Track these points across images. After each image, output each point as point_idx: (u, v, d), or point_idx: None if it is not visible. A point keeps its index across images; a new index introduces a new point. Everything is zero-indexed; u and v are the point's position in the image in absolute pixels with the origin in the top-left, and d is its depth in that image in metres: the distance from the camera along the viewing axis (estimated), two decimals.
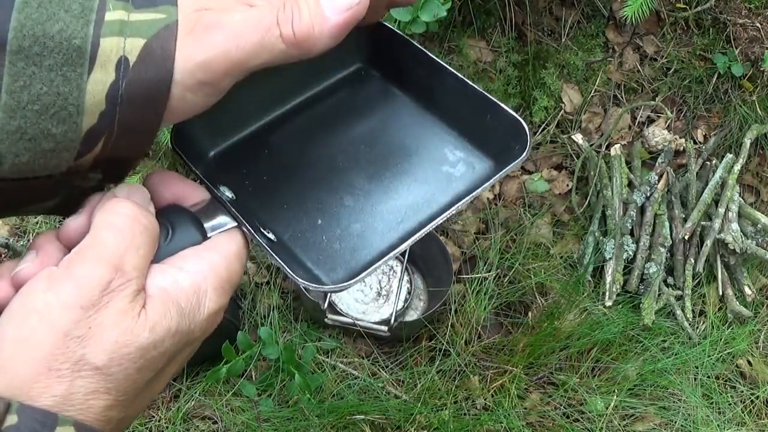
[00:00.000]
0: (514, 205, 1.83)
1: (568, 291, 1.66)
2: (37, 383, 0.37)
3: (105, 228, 0.40)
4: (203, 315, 0.42)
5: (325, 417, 1.43)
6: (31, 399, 0.36)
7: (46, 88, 0.37)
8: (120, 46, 0.38)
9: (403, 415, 1.46)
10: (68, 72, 0.38)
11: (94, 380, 0.38)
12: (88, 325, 0.37)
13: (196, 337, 0.43)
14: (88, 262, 0.39)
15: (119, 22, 0.38)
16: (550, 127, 1.91)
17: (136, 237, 0.40)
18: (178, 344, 0.41)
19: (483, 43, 1.89)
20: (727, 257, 1.74)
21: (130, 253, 0.39)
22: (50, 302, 0.38)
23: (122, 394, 0.39)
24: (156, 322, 0.39)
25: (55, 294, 0.38)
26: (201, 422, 1.46)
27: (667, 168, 1.84)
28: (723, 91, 1.97)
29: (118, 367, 0.38)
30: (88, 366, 0.37)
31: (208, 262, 0.43)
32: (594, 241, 1.74)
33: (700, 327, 1.71)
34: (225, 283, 0.43)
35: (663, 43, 1.99)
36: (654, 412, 1.57)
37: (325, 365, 1.54)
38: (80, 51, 0.38)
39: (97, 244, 0.39)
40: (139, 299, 0.39)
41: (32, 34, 0.37)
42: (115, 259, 0.39)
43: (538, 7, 1.92)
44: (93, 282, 0.38)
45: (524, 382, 1.56)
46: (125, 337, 0.38)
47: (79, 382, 0.37)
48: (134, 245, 0.40)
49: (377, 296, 1.65)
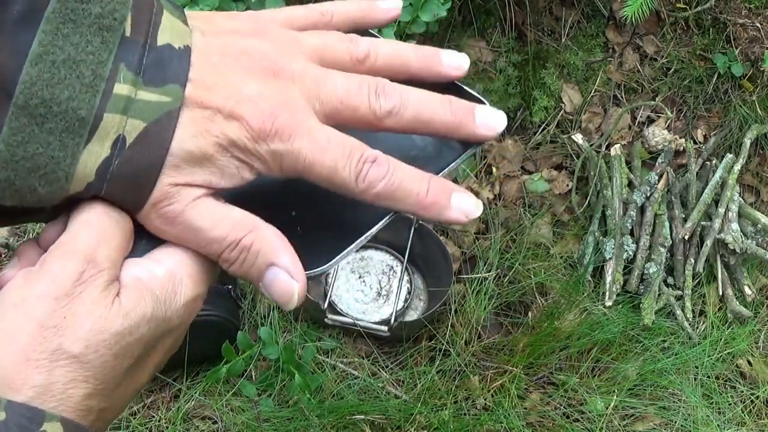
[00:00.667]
0: (514, 205, 1.83)
1: (568, 291, 1.66)
2: (18, 374, 0.37)
3: (78, 224, 0.41)
4: (180, 302, 0.42)
5: (325, 417, 1.43)
6: (14, 390, 0.37)
7: (42, 150, 0.38)
8: (121, 124, 0.39)
9: (403, 415, 1.46)
10: (66, 139, 0.38)
11: (71, 369, 0.38)
12: (62, 314, 0.38)
13: (175, 325, 0.43)
14: (61, 257, 0.40)
15: (125, 99, 0.39)
16: (550, 127, 1.91)
17: (107, 230, 0.41)
18: (155, 330, 0.41)
19: (483, 43, 1.89)
20: (727, 257, 1.74)
21: (101, 246, 0.40)
22: (25, 296, 0.39)
23: (101, 383, 0.39)
24: (130, 308, 0.40)
25: (30, 288, 0.39)
26: (201, 422, 1.46)
27: (667, 168, 1.84)
28: (723, 91, 1.97)
29: (94, 354, 0.39)
30: (65, 355, 0.38)
31: (182, 250, 0.43)
32: (594, 241, 1.74)
33: (700, 327, 1.71)
34: (199, 270, 0.43)
35: (663, 43, 1.99)
36: (654, 412, 1.57)
37: (325, 365, 1.54)
38: (83, 122, 0.38)
39: (69, 239, 0.40)
40: (112, 289, 0.40)
41: (40, 95, 0.37)
42: (86, 250, 0.40)
43: (538, 7, 1.92)
44: (66, 274, 0.39)
45: (524, 382, 1.56)
46: (99, 324, 0.39)
47: (57, 372, 0.38)
48: (105, 238, 0.40)
49: (377, 296, 1.65)
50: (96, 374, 0.39)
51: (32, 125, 0.38)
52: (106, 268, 0.40)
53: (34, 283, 0.39)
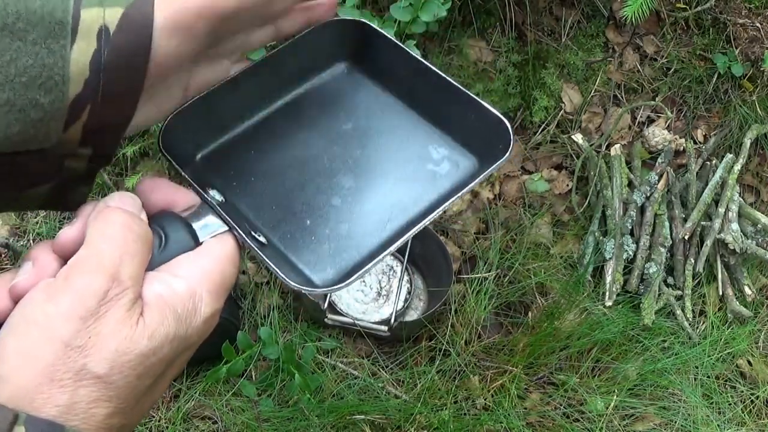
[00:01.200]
0: (514, 205, 1.83)
1: (568, 291, 1.66)
2: (41, 394, 0.37)
3: (99, 238, 0.40)
4: (200, 319, 0.42)
5: (325, 417, 1.43)
6: (35, 410, 0.36)
7: (32, 61, 0.39)
8: (100, 16, 0.40)
9: (403, 415, 1.46)
10: (52, 44, 0.39)
11: (95, 389, 0.38)
12: (87, 334, 0.38)
13: (194, 341, 0.43)
14: (85, 272, 0.39)
15: None
16: (550, 127, 1.91)
17: (130, 245, 0.40)
18: (177, 349, 0.41)
19: (483, 43, 1.89)
20: (727, 257, 1.74)
21: (125, 262, 0.40)
22: (50, 313, 0.38)
23: (123, 402, 0.39)
24: (154, 329, 0.40)
25: (55, 305, 0.38)
26: (201, 422, 1.46)
27: (667, 168, 1.84)
28: (723, 91, 1.97)
29: (118, 375, 0.38)
30: (89, 375, 0.38)
31: (201, 267, 0.43)
32: (594, 241, 1.74)
33: (700, 327, 1.71)
34: (219, 286, 0.44)
35: (663, 43, 1.99)
36: (654, 412, 1.57)
37: (325, 365, 1.54)
38: (62, 24, 0.39)
39: (92, 254, 0.40)
40: (137, 307, 0.40)
41: (15, 11, 0.38)
42: (111, 268, 0.39)
43: (538, 7, 1.92)
44: (91, 292, 0.38)
45: (524, 382, 1.56)
46: (125, 345, 0.38)
47: (81, 392, 0.37)
48: (129, 254, 0.40)
49: (377, 296, 1.65)
50: (119, 394, 0.39)
51: (16, 41, 0.39)
52: (130, 286, 0.39)
53: (58, 300, 0.38)
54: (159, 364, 0.40)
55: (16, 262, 1.61)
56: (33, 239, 1.62)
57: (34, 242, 1.62)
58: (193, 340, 0.43)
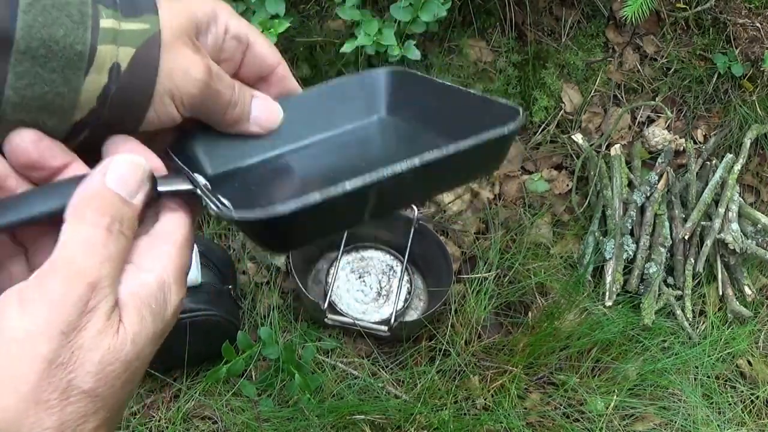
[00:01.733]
0: (514, 205, 1.83)
1: (568, 291, 1.66)
2: (28, 418, 0.36)
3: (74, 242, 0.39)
4: (170, 311, 0.42)
5: (325, 417, 1.43)
6: None
7: (48, 88, 0.41)
8: (114, 53, 0.43)
9: (403, 415, 1.46)
10: (69, 74, 0.41)
11: (83, 404, 0.37)
12: (70, 349, 0.37)
13: (166, 333, 0.42)
14: (61, 280, 0.37)
15: (112, 31, 0.43)
16: (550, 127, 1.91)
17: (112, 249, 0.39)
18: (154, 346, 0.41)
19: (483, 43, 1.89)
20: (727, 257, 1.74)
21: (103, 266, 0.38)
22: (28, 329, 0.36)
23: (109, 412, 0.38)
24: (135, 332, 0.39)
25: (32, 319, 0.36)
26: (201, 422, 1.46)
27: (667, 168, 1.84)
28: (723, 91, 1.97)
29: (104, 387, 0.38)
30: (76, 391, 0.37)
31: (166, 255, 0.42)
32: (594, 241, 1.74)
33: (700, 327, 1.71)
34: (182, 273, 0.43)
35: (663, 43, 1.99)
36: (654, 412, 1.57)
37: (325, 365, 1.54)
38: (81, 55, 0.42)
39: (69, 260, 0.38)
40: (115, 315, 0.39)
41: (39, 37, 0.40)
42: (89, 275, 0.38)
43: (538, 7, 1.92)
44: (70, 303, 0.37)
45: (524, 382, 1.56)
46: (109, 356, 0.38)
47: (68, 409, 0.37)
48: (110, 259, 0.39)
49: (377, 296, 1.65)
50: (105, 405, 0.38)
51: (36, 67, 0.40)
52: (109, 292, 0.38)
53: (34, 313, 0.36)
54: (141, 367, 0.40)
55: None
56: None
57: None
58: (165, 333, 0.42)
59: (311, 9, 1.71)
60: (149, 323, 0.40)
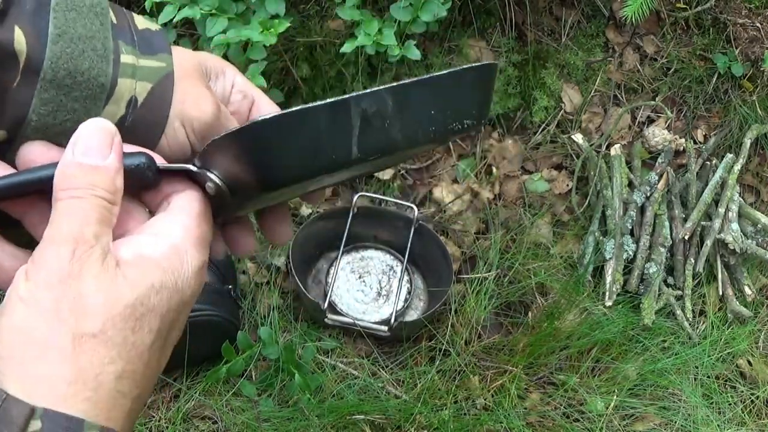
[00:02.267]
0: (514, 205, 1.83)
1: (568, 291, 1.66)
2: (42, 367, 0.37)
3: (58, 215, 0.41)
4: (189, 272, 0.43)
5: (325, 417, 1.43)
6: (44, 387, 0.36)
7: (69, 116, 0.44)
8: (132, 87, 0.46)
9: (403, 415, 1.46)
10: (90, 104, 0.44)
11: (96, 351, 0.38)
12: (71, 296, 0.38)
13: (188, 296, 0.43)
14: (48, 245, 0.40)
15: (131, 66, 0.46)
16: (550, 127, 1.91)
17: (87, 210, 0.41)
18: (170, 302, 0.41)
19: (483, 43, 1.89)
20: (727, 257, 1.74)
21: (84, 226, 0.40)
22: (30, 288, 0.39)
23: (128, 362, 0.39)
24: (135, 279, 0.40)
25: (34, 282, 0.39)
26: (201, 422, 1.46)
27: (667, 168, 1.84)
28: (723, 91, 1.97)
29: (112, 330, 0.38)
30: (86, 337, 0.38)
31: (180, 223, 0.44)
32: (594, 241, 1.74)
33: (700, 327, 1.71)
34: (201, 239, 0.45)
35: (663, 43, 1.99)
36: (654, 412, 1.57)
37: (325, 365, 1.54)
38: (103, 87, 0.45)
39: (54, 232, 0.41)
40: (110, 260, 0.40)
41: (66, 68, 0.43)
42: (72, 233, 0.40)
43: (538, 7, 1.92)
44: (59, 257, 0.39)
45: (524, 382, 1.56)
46: (109, 297, 0.39)
47: (83, 357, 0.37)
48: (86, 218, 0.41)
49: (377, 296, 1.65)
50: (120, 352, 0.39)
51: (60, 95, 0.43)
52: (95, 243, 0.40)
53: (35, 277, 0.39)
54: (151, 316, 0.40)
55: None
56: None
57: None
58: (186, 295, 0.43)
59: (311, 9, 1.71)
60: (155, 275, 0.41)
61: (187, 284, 0.43)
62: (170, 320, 0.42)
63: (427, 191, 1.84)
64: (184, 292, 0.42)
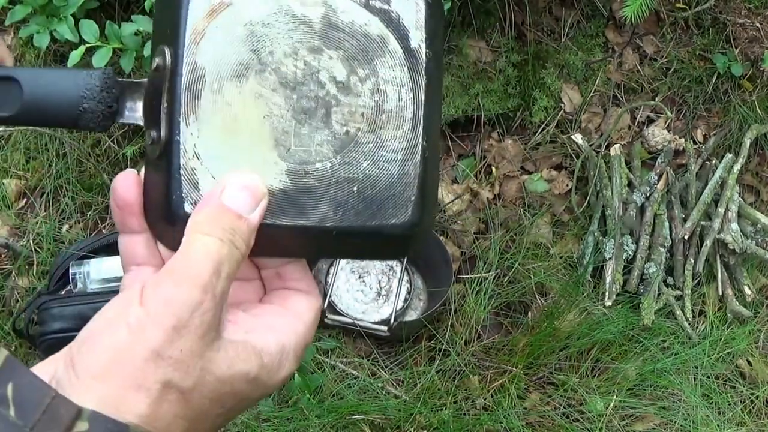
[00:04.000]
0: (513, 205, 1.83)
1: (568, 291, 1.66)
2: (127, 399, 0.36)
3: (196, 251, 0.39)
4: (281, 376, 0.43)
5: (325, 417, 1.43)
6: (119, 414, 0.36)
7: None
8: None
9: (402, 415, 1.46)
10: None
11: (179, 405, 0.38)
12: (179, 347, 0.37)
13: (269, 394, 0.44)
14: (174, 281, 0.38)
15: None
16: (550, 127, 1.91)
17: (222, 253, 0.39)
18: (252, 392, 0.41)
19: (483, 43, 1.89)
20: (726, 257, 1.74)
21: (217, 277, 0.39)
22: (141, 319, 0.37)
23: (193, 424, 0.39)
24: (233, 361, 0.39)
25: (146, 313, 0.38)
26: None
27: (667, 168, 1.84)
28: (723, 91, 1.97)
29: (198, 395, 0.38)
30: (176, 389, 0.37)
31: (293, 329, 0.44)
32: (594, 241, 1.74)
33: (700, 327, 1.71)
34: (302, 349, 0.44)
35: (663, 43, 1.99)
36: (654, 412, 1.57)
37: (325, 365, 1.54)
38: None
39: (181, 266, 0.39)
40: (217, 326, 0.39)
41: None
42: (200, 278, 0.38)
43: (538, 7, 1.92)
44: (181, 302, 0.38)
45: (524, 382, 1.56)
46: (208, 366, 0.38)
47: (164, 406, 0.37)
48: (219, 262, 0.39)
49: (377, 296, 1.65)
50: (194, 415, 0.38)
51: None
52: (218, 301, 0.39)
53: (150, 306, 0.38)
54: (231, 396, 0.40)
55: (16, 262, 1.61)
56: (33, 239, 1.62)
57: (33, 242, 1.62)
58: (268, 393, 0.43)
59: None
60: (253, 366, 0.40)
61: (275, 386, 0.43)
62: (242, 407, 0.42)
63: None
64: (268, 390, 0.42)
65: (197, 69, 0.42)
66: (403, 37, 0.44)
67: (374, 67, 0.43)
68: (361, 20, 0.43)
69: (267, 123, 0.42)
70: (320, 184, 0.42)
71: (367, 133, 0.43)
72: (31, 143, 1.71)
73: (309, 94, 0.42)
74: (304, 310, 0.45)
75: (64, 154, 1.70)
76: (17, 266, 1.59)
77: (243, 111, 0.42)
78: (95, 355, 0.37)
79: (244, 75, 0.42)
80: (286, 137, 0.42)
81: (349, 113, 0.42)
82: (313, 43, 0.42)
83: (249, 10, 0.42)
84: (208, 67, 0.42)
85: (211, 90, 0.42)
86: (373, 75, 0.43)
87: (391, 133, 0.43)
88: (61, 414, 0.35)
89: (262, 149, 0.42)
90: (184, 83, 0.41)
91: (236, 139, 0.42)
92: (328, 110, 0.42)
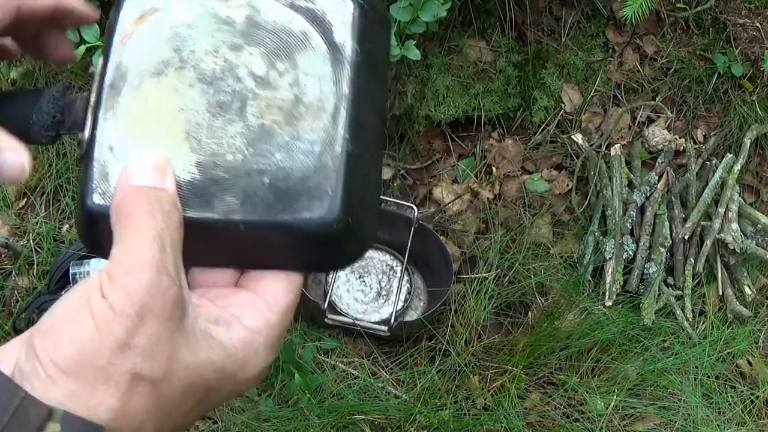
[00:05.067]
0: (514, 205, 1.83)
1: (568, 291, 1.66)
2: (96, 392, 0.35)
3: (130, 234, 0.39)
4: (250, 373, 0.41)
5: (325, 417, 1.43)
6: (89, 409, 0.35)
7: None
8: None
9: (403, 414, 1.46)
10: None
11: (149, 398, 0.37)
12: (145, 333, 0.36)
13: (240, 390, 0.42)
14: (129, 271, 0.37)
15: None
16: (550, 127, 1.91)
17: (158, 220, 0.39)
18: (221, 383, 0.40)
19: (483, 43, 1.89)
20: (727, 257, 1.74)
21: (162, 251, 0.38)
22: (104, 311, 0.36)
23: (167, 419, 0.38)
24: (199, 346, 0.39)
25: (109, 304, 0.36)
26: (201, 422, 1.46)
27: (667, 168, 1.84)
28: (723, 91, 1.97)
29: (168, 386, 0.37)
30: (146, 382, 0.36)
31: (265, 321, 0.42)
32: (594, 241, 1.74)
33: (700, 327, 1.71)
34: (277, 340, 0.42)
35: (663, 43, 1.99)
36: (654, 412, 1.57)
37: (325, 365, 1.54)
38: None
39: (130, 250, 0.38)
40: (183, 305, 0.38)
41: None
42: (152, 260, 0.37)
43: (538, 7, 1.92)
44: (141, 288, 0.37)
45: (524, 382, 1.56)
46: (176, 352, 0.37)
47: (135, 399, 0.36)
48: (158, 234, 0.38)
49: (377, 296, 1.65)
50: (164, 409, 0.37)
51: None
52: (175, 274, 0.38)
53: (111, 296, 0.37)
54: (201, 387, 0.39)
55: (16, 262, 1.61)
56: (33, 239, 1.62)
57: (34, 242, 1.62)
58: (239, 388, 0.41)
59: None
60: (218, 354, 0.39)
61: (245, 381, 0.41)
62: (213, 400, 0.41)
63: (426, 191, 1.84)
64: (239, 385, 0.41)
65: (121, 67, 0.42)
66: (327, 32, 0.43)
67: (295, 61, 0.43)
68: (285, 18, 0.43)
69: (181, 116, 0.41)
70: (229, 176, 0.41)
71: (283, 125, 0.42)
72: None
73: (226, 88, 0.42)
74: (280, 292, 0.43)
75: (64, 154, 1.70)
76: (17, 266, 1.59)
77: (158, 105, 0.42)
78: (61, 348, 0.36)
79: (163, 72, 0.42)
80: (198, 130, 0.41)
81: (266, 106, 0.42)
82: (235, 41, 0.43)
83: (175, 13, 0.43)
84: (130, 66, 0.42)
85: (131, 87, 0.42)
86: (294, 69, 0.43)
87: (309, 124, 0.42)
88: (31, 415, 0.34)
89: (172, 141, 0.41)
90: (107, 81, 0.42)
91: (149, 131, 0.41)
92: (244, 103, 0.42)
